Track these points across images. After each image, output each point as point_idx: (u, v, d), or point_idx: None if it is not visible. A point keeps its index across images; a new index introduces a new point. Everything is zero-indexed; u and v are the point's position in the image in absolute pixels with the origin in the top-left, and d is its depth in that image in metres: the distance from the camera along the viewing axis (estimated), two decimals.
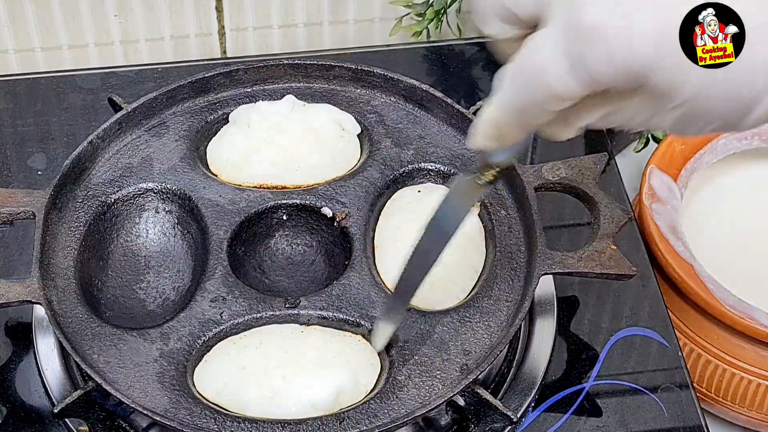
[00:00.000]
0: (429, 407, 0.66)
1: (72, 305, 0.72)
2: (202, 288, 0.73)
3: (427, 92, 0.83)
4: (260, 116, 0.82)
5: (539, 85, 0.47)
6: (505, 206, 0.78)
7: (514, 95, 0.49)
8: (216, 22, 1.02)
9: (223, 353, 0.70)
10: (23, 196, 0.75)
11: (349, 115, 0.83)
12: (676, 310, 0.84)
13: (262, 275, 0.78)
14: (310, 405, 0.66)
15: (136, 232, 0.78)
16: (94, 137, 0.79)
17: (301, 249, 0.79)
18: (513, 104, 0.50)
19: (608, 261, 0.73)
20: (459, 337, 0.71)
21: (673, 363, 0.78)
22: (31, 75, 0.96)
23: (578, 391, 0.75)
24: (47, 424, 0.73)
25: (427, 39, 1.00)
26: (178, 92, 0.83)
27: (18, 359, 0.76)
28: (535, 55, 0.47)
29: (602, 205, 0.76)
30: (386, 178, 0.80)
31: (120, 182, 0.79)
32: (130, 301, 0.76)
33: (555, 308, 0.79)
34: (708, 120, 0.46)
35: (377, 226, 0.78)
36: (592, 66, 0.45)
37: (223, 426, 0.66)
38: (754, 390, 0.83)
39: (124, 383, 0.68)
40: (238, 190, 0.79)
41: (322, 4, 1.02)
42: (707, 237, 0.92)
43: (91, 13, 0.99)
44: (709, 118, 0.46)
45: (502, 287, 0.73)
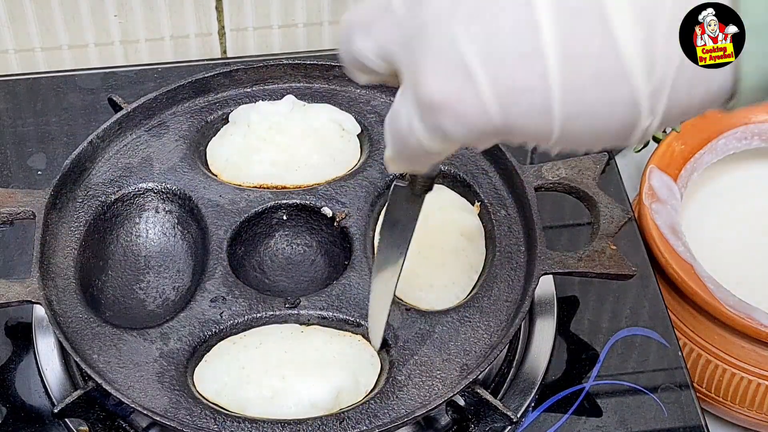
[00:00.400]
0: (429, 407, 0.66)
1: (72, 305, 0.72)
2: (202, 288, 0.73)
3: None
4: (260, 116, 0.82)
5: (411, 144, 0.46)
6: (505, 206, 0.78)
7: (395, 150, 0.49)
8: (216, 22, 1.02)
9: (223, 353, 0.70)
10: (23, 196, 0.75)
11: (349, 115, 0.83)
12: (676, 310, 0.84)
13: (262, 275, 0.78)
14: (310, 405, 0.66)
15: (136, 232, 0.78)
16: (94, 137, 0.79)
17: (301, 249, 0.79)
18: (398, 156, 0.49)
19: (608, 261, 0.73)
20: (459, 337, 0.71)
21: (673, 363, 0.78)
22: (31, 75, 0.96)
23: (578, 391, 0.75)
24: (47, 424, 0.73)
25: None
26: (178, 92, 0.83)
27: (18, 359, 0.76)
28: (400, 117, 0.46)
29: (602, 205, 0.76)
30: (386, 178, 0.79)
31: (120, 182, 0.79)
32: (130, 301, 0.76)
33: (555, 308, 0.79)
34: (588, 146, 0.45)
35: (377, 226, 0.78)
36: (450, 133, 0.44)
37: (223, 426, 0.65)
38: (754, 390, 0.83)
39: (124, 383, 0.68)
40: (238, 190, 0.79)
41: (322, 4, 1.02)
42: (707, 237, 0.92)
43: (91, 13, 0.99)
44: (591, 147, 0.45)
45: (501, 287, 0.73)
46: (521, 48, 0.41)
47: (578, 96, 0.41)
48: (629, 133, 0.43)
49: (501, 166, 0.79)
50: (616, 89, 0.41)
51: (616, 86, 0.41)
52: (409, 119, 0.45)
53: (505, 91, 0.42)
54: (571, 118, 0.42)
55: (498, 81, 0.41)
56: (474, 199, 0.79)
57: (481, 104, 0.42)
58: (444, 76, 0.42)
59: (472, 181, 0.79)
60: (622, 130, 0.43)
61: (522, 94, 0.42)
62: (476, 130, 0.43)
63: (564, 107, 0.42)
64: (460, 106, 0.42)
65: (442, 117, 0.43)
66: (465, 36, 0.41)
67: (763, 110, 0.93)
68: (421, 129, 0.45)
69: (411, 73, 0.44)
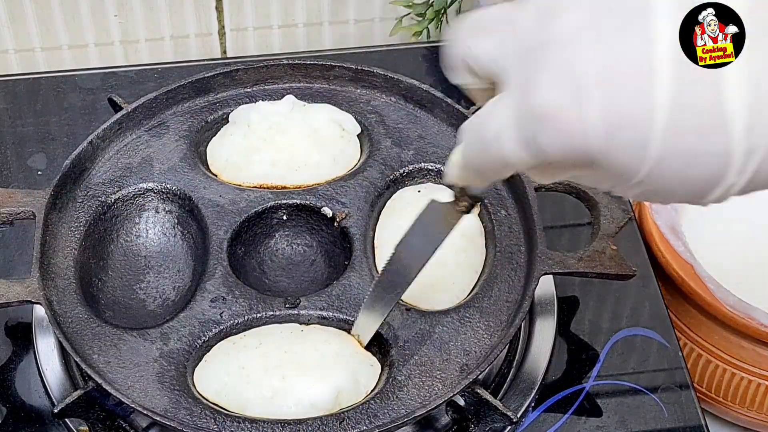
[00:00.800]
0: (429, 407, 0.66)
1: (72, 305, 0.72)
2: (202, 288, 0.73)
3: (427, 92, 0.83)
4: (260, 116, 0.82)
5: (493, 153, 0.47)
6: (506, 206, 0.78)
7: (471, 156, 0.50)
8: (216, 22, 1.02)
9: (223, 353, 0.70)
10: (23, 196, 0.75)
11: (350, 115, 0.83)
12: (676, 310, 0.84)
13: (262, 275, 0.78)
14: (310, 405, 0.66)
15: (136, 232, 0.78)
16: (94, 137, 0.79)
17: (301, 249, 0.79)
18: (471, 163, 0.50)
19: (608, 261, 0.73)
20: (459, 337, 0.71)
21: (673, 363, 0.78)
22: (31, 75, 0.96)
23: (578, 391, 0.75)
24: (47, 424, 0.73)
25: (427, 39, 1.00)
26: (178, 92, 0.83)
27: (18, 359, 0.76)
28: (490, 123, 0.47)
29: (602, 206, 0.76)
30: (386, 178, 0.80)
31: (120, 182, 0.79)
32: (130, 301, 0.76)
33: (555, 308, 0.79)
34: (668, 197, 0.46)
35: (377, 226, 0.78)
36: (544, 146, 0.44)
37: (223, 426, 0.65)
38: (754, 390, 0.83)
39: (124, 383, 0.68)
40: (238, 190, 0.79)
41: (322, 4, 1.02)
42: (707, 237, 0.92)
43: (91, 13, 0.99)
44: (669, 197, 0.46)
45: (502, 287, 0.73)
46: (636, 82, 0.42)
47: (677, 140, 0.43)
48: (712, 187, 0.44)
49: None
50: (714, 142, 0.43)
51: (715, 139, 0.43)
52: (500, 126, 0.46)
53: (611, 116, 0.43)
54: (663, 160, 0.43)
55: (608, 105, 0.43)
56: None
57: (585, 122, 0.43)
58: (558, 89, 0.43)
59: None
60: (706, 183, 0.44)
61: (626, 124, 0.43)
62: (570, 149, 0.44)
63: (662, 146, 0.43)
64: (565, 120, 0.43)
65: (545, 127, 0.44)
66: (587, 57, 0.43)
67: None
68: (513, 138, 0.45)
69: (522, 80, 0.45)
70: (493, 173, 0.50)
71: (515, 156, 0.46)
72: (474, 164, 0.50)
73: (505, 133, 0.46)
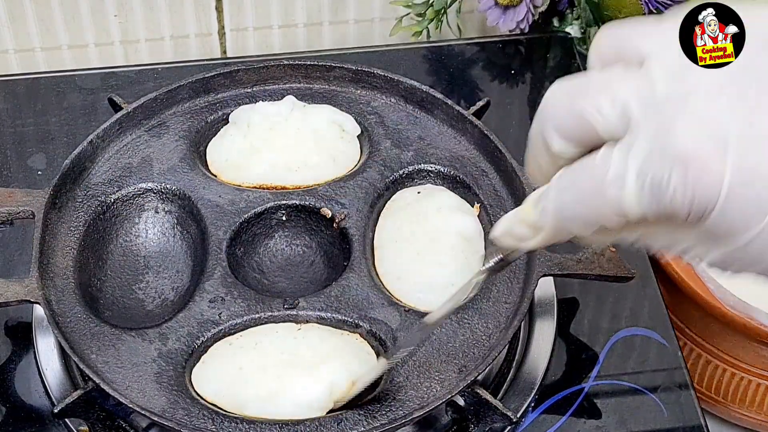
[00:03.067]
0: (427, 408, 0.66)
1: (71, 305, 0.72)
2: (201, 288, 0.73)
3: (427, 93, 0.83)
4: (260, 117, 0.82)
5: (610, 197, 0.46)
6: (505, 208, 0.78)
7: (573, 203, 0.48)
8: (216, 22, 1.02)
9: (220, 354, 0.70)
10: (23, 196, 0.75)
11: (349, 116, 0.83)
12: (676, 310, 0.84)
13: (261, 276, 0.78)
14: (308, 404, 0.66)
15: (136, 232, 0.78)
16: (94, 137, 0.79)
17: (301, 250, 0.79)
18: (567, 213, 0.48)
19: (607, 263, 0.73)
20: (458, 339, 0.71)
21: (673, 363, 0.78)
22: (31, 75, 0.96)
23: (578, 392, 0.75)
24: (47, 424, 0.73)
25: (427, 39, 1.00)
26: (178, 92, 0.83)
27: (18, 359, 0.76)
28: (609, 168, 0.46)
29: None
30: (386, 179, 0.79)
31: (120, 182, 0.79)
32: (129, 301, 0.76)
33: (555, 309, 0.78)
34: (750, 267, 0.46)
35: (377, 227, 0.78)
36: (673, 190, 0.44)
37: (221, 426, 0.66)
38: (754, 390, 0.83)
39: (122, 383, 0.68)
40: (237, 191, 0.79)
41: (322, 4, 1.02)
42: None
43: (91, 13, 0.99)
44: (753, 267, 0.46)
45: (500, 289, 0.73)
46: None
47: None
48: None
49: (501, 168, 0.79)
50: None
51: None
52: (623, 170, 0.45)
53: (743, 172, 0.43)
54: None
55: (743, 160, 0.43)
56: (474, 201, 0.79)
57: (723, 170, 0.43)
58: (700, 136, 0.43)
59: (472, 182, 0.79)
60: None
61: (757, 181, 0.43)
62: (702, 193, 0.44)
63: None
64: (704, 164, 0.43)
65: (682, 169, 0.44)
66: (728, 110, 0.43)
67: None
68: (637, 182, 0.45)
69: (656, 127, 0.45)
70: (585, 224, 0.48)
71: (633, 201, 0.45)
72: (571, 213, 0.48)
73: (629, 177, 0.45)
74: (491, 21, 0.97)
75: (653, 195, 0.44)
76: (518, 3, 0.96)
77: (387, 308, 0.72)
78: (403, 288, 0.73)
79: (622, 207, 0.45)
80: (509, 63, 0.99)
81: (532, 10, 0.96)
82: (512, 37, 0.99)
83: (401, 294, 0.73)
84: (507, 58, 0.99)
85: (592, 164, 0.46)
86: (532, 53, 0.99)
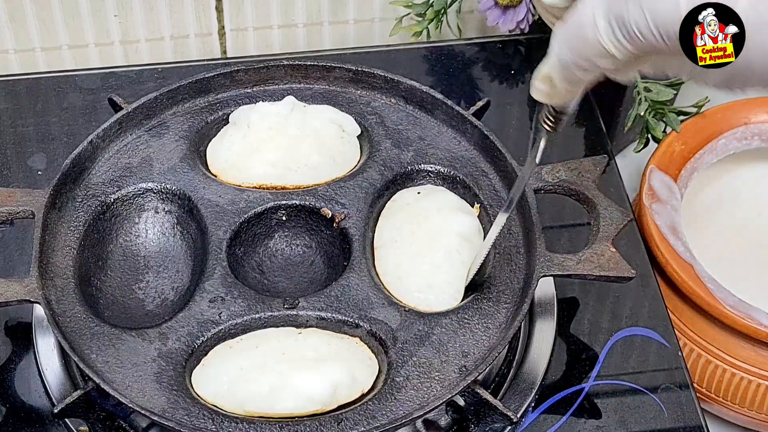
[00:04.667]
0: (427, 409, 0.66)
1: (71, 305, 0.72)
2: (201, 288, 0.73)
3: (427, 94, 0.83)
4: (260, 117, 0.82)
5: (590, 37, 0.50)
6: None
7: (563, 51, 0.53)
8: (216, 22, 1.02)
9: (221, 355, 0.70)
10: (23, 196, 0.75)
11: (349, 117, 0.83)
12: (676, 310, 0.84)
13: (261, 276, 0.78)
14: (308, 399, 0.66)
15: (136, 232, 0.78)
16: (94, 137, 0.79)
17: (301, 250, 0.79)
18: (562, 60, 0.53)
19: (607, 263, 0.73)
20: (458, 339, 0.71)
21: (673, 363, 0.78)
22: (31, 75, 0.96)
23: (578, 392, 0.75)
24: (47, 424, 0.73)
25: (427, 39, 1.00)
26: (178, 92, 0.83)
27: (18, 359, 0.76)
28: (581, 15, 0.50)
29: (602, 208, 0.76)
30: (386, 179, 0.80)
31: (120, 182, 0.79)
32: (129, 300, 0.76)
33: (555, 309, 0.79)
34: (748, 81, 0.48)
35: (377, 227, 0.78)
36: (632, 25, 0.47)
37: (221, 426, 0.66)
38: (754, 390, 0.83)
39: (122, 383, 0.68)
40: (237, 191, 0.79)
41: (322, 4, 1.02)
42: (707, 237, 0.92)
43: (91, 13, 0.99)
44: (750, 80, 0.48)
45: (501, 289, 0.73)
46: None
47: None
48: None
49: (501, 168, 0.79)
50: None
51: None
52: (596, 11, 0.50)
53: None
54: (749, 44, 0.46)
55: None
56: (473, 201, 0.79)
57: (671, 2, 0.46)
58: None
59: (471, 182, 0.79)
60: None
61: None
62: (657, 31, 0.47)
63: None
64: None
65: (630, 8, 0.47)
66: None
67: (763, 110, 0.93)
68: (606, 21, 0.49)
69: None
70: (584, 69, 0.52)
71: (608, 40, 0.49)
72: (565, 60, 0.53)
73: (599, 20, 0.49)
74: (491, 21, 0.97)
75: (621, 31, 0.49)
76: (518, 3, 0.96)
77: (387, 308, 0.72)
78: (403, 288, 0.73)
79: (603, 47, 0.50)
80: (509, 63, 0.99)
81: (532, 10, 0.96)
82: (512, 37, 0.99)
83: (401, 294, 0.73)
84: (507, 58, 0.99)
85: (572, 13, 0.52)
86: (532, 53, 0.99)
